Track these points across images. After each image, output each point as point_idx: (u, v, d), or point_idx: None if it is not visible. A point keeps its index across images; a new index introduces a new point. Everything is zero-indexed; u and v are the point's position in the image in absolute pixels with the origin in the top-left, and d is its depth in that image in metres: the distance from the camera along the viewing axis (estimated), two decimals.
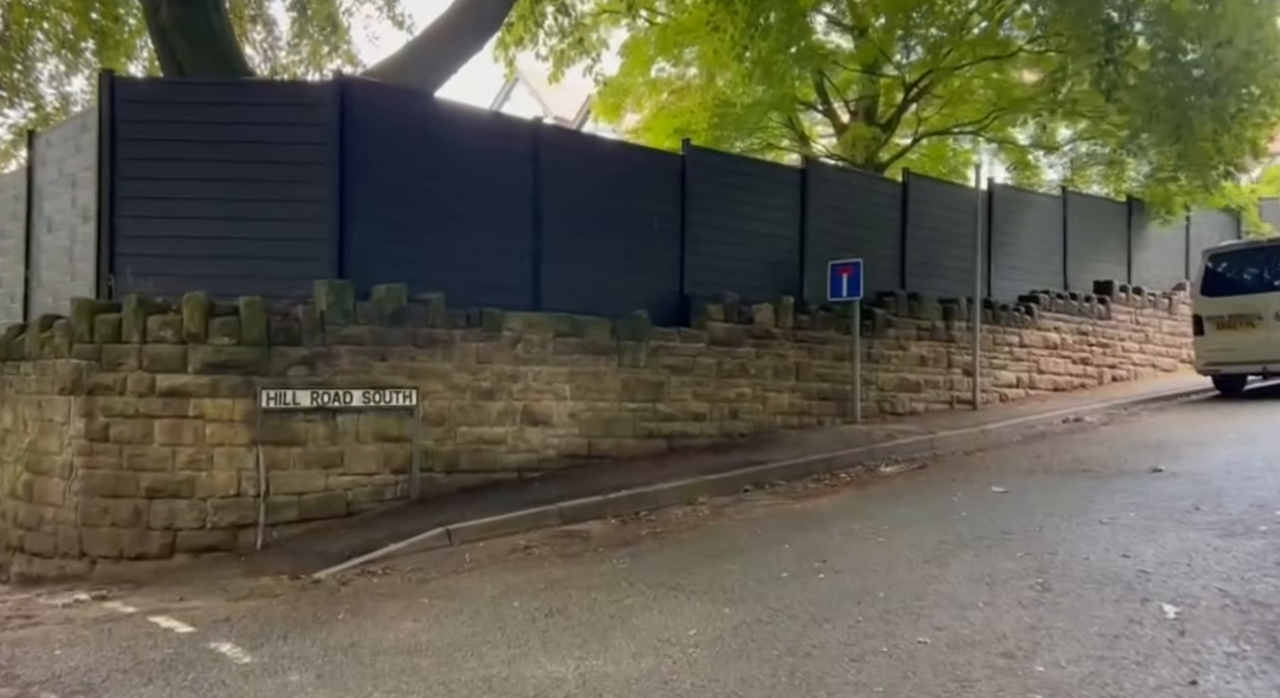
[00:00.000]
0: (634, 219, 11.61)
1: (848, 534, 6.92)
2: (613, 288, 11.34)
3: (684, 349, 11.44)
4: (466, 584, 6.40)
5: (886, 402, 13.51)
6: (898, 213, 14.61)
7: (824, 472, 10.23)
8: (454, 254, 10.11)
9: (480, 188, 10.35)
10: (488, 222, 10.40)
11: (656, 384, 11.14)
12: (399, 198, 9.80)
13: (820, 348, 12.80)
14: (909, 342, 13.86)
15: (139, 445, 8.30)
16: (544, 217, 10.86)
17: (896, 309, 13.78)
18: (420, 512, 8.86)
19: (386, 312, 9.22)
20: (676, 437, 11.29)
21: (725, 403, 11.77)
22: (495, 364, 9.95)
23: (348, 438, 8.92)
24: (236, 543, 8.38)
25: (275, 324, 8.65)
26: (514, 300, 10.42)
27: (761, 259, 12.89)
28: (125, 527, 8.24)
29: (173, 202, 9.32)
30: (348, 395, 8.88)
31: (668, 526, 8.01)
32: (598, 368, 10.71)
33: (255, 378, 8.52)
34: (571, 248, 11.03)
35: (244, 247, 9.28)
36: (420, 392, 9.32)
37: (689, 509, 8.71)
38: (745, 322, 12.06)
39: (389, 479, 9.18)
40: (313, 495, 8.72)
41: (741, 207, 12.68)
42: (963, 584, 5.38)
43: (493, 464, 9.88)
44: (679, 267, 12.09)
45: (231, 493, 8.40)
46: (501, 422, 9.96)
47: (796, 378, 12.51)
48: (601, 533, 7.92)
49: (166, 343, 8.39)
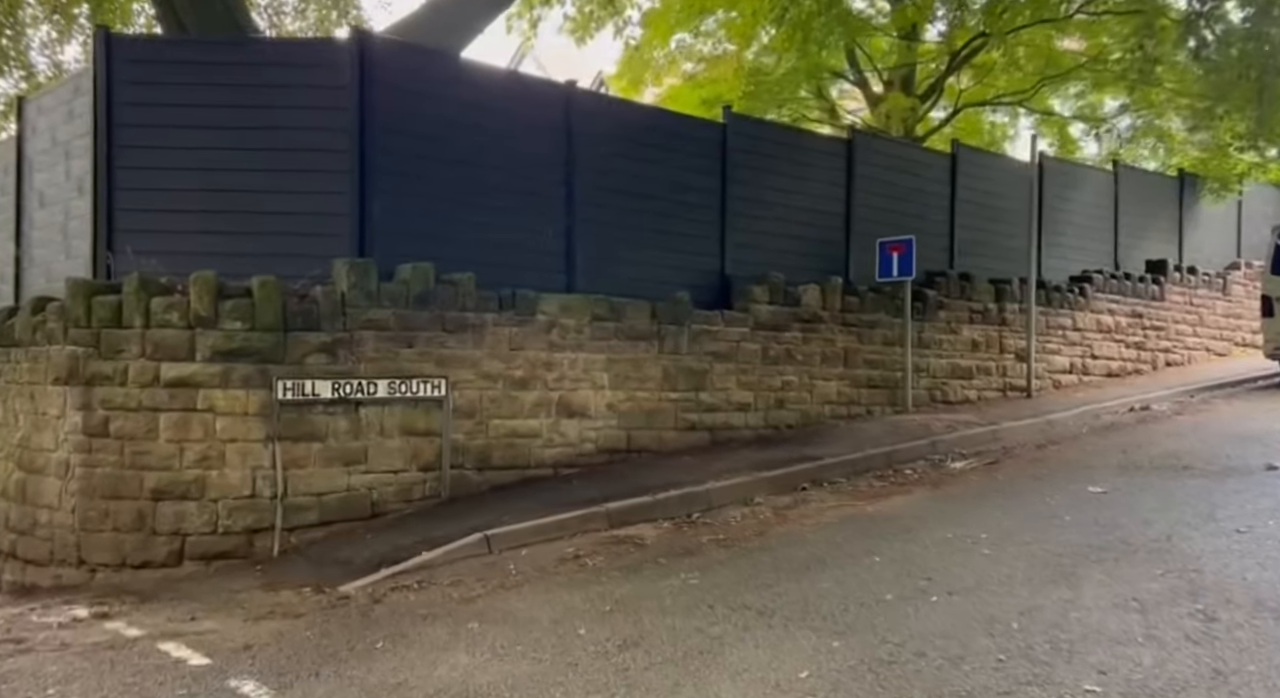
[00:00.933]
0: (671, 193, 10.85)
1: (943, 545, 6.20)
2: (649, 268, 10.60)
3: (727, 334, 10.70)
4: (518, 604, 5.69)
5: (938, 390, 12.77)
6: (946, 187, 13.83)
7: (885, 467, 9.51)
8: (481, 231, 9.36)
9: (509, 158, 9.59)
10: (517, 195, 9.64)
11: (699, 372, 10.41)
12: (422, 168, 9.04)
13: (869, 332, 12.05)
14: (960, 325, 13.10)
15: (142, 442, 7.58)
16: (576, 190, 10.10)
17: (948, 290, 13.02)
18: (451, 513, 8.16)
19: (413, 293, 8.47)
20: (720, 429, 10.57)
21: (771, 392, 11.04)
22: (529, 351, 9.22)
23: (372, 432, 8.20)
24: (251, 549, 7.67)
25: (292, 307, 7.91)
26: (544, 282, 9.68)
27: (804, 237, 12.13)
28: (128, 532, 7.53)
29: (177, 172, 8.57)
30: (371, 386, 8.15)
31: (728, 530, 7.29)
32: (637, 355, 9.97)
33: (270, 367, 7.79)
34: (605, 224, 10.28)
35: (255, 222, 8.54)
36: (449, 381, 8.59)
37: (746, 511, 8.00)
38: (791, 304, 11.31)
39: (416, 477, 8.46)
40: (334, 496, 8.01)
41: (784, 180, 11.92)
42: (1107, 611, 4.67)
43: (527, 460, 9.16)
44: (719, 245, 11.33)
45: (245, 494, 7.69)
46: (536, 413, 9.24)
47: (845, 364, 11.77)
48: (657, 539, 7.20)
49: (172, 328, 7.66)
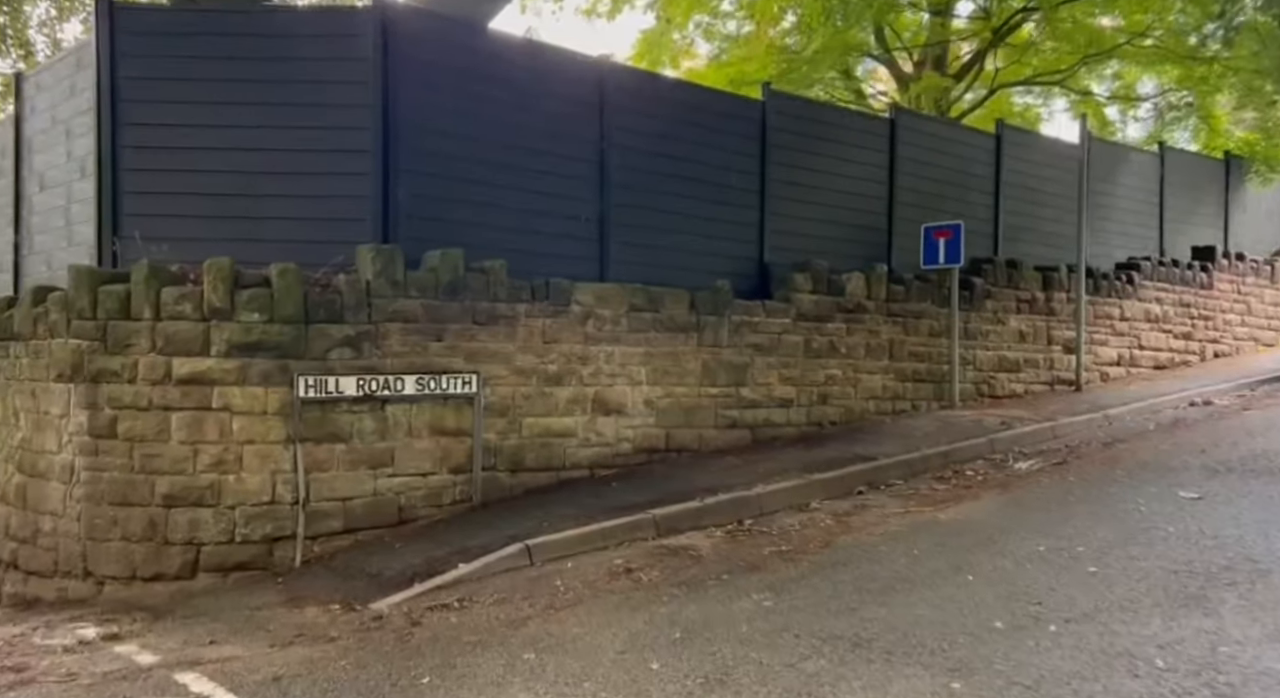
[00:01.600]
0: (708, 175, 10.27)
1: (1038, 560, 5.65)
2: (684, 255, 10.04)
3: (768, 325, 10.14)
4: (575, 628, 5.15)
5: (984, 383, 12.21)
6: (991, 169, 13.23)
7: (943, 468, 8.97)
8: (509, 215, 8.81)
9: (539, 137, 9.02)
10: (548, 177, 9.08)
11: (739, 366, 9.85)
12: (449, 148, 8.47)
13: (915, 323, 11.48)
14: (1007, 315, 12.53)
15: (153, 443, 7.04)
16: (609, 172, 9.54)
17: (994, 279, 12.44)
18: (485, 519, 7.62)
19: (442, 282, 7.92)
20: (761, 426, 10.02)
21: (814, 387, 10.49)
22: (563, 344, 8.67)
23: (399, 432, 7.66)
24: (271, 560, 7.14)
25: (313, 297, 7.36)
26: (576, 270, 9.13)
27: (845, 222, 11.54)
28: (138, 541, 7.00)
29: (186, 152, 8.01)
30: (399, 382, 7.60)
31: (790, 541, 6.75)
32: (675, 348, 9.42)
33: (291, 362, 7.24)
34: (639, 208, 9.72)
35: (272, 205, 7.99)
36: (480, 377, 8.05)
37: (804, 518, 7.46)
38: (835, 293, 10.74)
39: (446, 480, 7.93)
40: (360, 501, 7.48)
41: (825, 161, 11.33)
42: (1262, 646, 4.12)
43: (562, 461, 8.62)
44: (758, 230, 10.76)
45: (265, 500, 7.15)
46: (571, 411, 8.69)
47: (890, 357, 11.20)
48: (712, 550, 6.66)
49: (184, 319, 7.11)
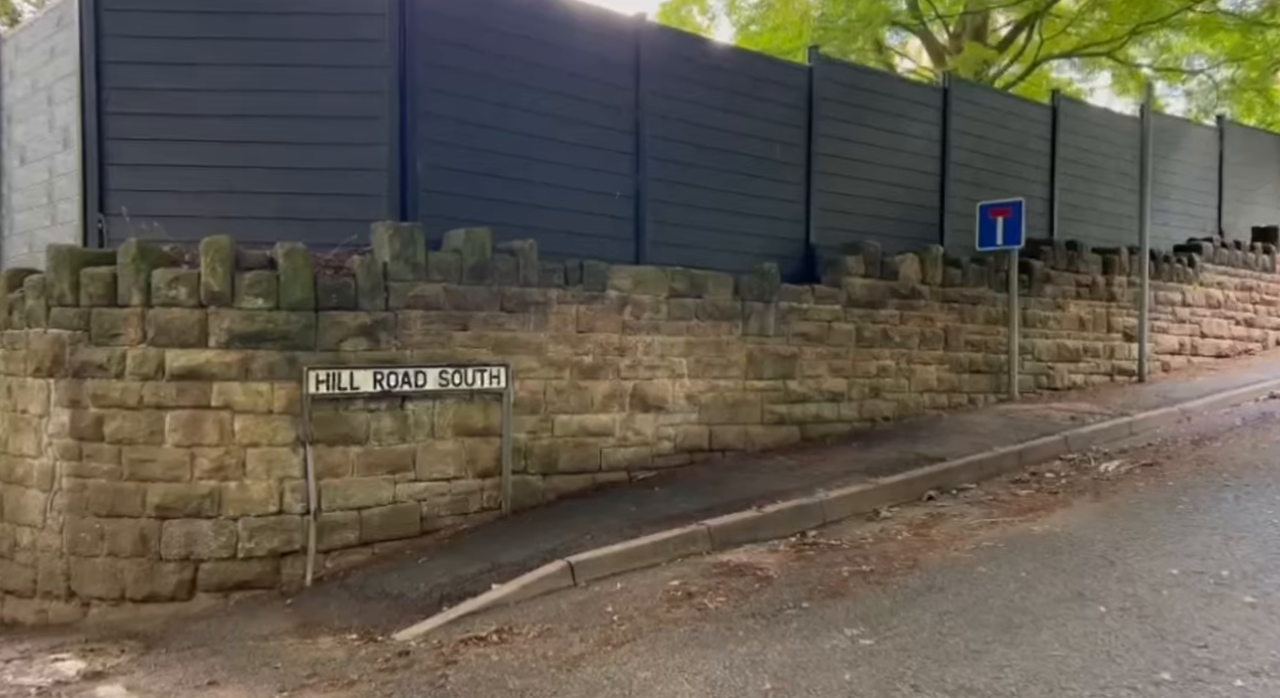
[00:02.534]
0: (750, 148, 9.48)
1: (1176, 586, 4.86)
2: (724, 236, 9.27)
3: (817, 312, 9.35)
4: (639, 671, 4.38)
5: (1043, 374, 11.41)
6: (1046, 144, 12.41)
7: (1017, 469, 8.19)
8: (536, 190, 8.03)
9: (569, 103, 8.22)
10: (578, 148, 8.30)
11: (787, 357, 9.07)
12: (471, 114, 7.69)
13: (971, 309, 10.68)
14: (1067, 300, 11.72)
15: (144, 447, 6.27)
16: (645, 143, 8.75)
17: (1054, 261, 11.63)
18: (517, 530, 6.87)
19: (467, 264, 7.13)
20: (810, 422, 9.24)
21: (865, 379, 9.70)
22: (598, 333, 7.89)
23: (420, 432, 6.90)
24: (279, 577, 6.38)
25: (324, 281, 6.58)
26: (610, 251, 8.36)
27: (893, 199, 10.73)
28: (128, 557, 6.25)
29: (180, 119, 7.23)
30: (420, 376, 6.83)
31: (866, 557, 5.98)
32: (718, 337, 8.64)
33: (299, 354, 6.47)
34: (677, 184, 8.94)
35: (276, 179, 7.21)
36: (510, 369, 7.28)
37: (876, 529, 6.69)
38: (888, 277, 9.94)
39: (473, 485, 7.17)
40: (377, 510, 6.72)
41: (874, 134, 10.53)
42: None
43: (598, 462, 7.86)
44: (804, 208, 9.96)
45: (271, 510, 6.39)
46: (607, 407, 7.92)
47: (945, 346, 10.41)
48: (781, 569, 5.89)
49: (179, 306, 6.33)
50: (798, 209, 9.92)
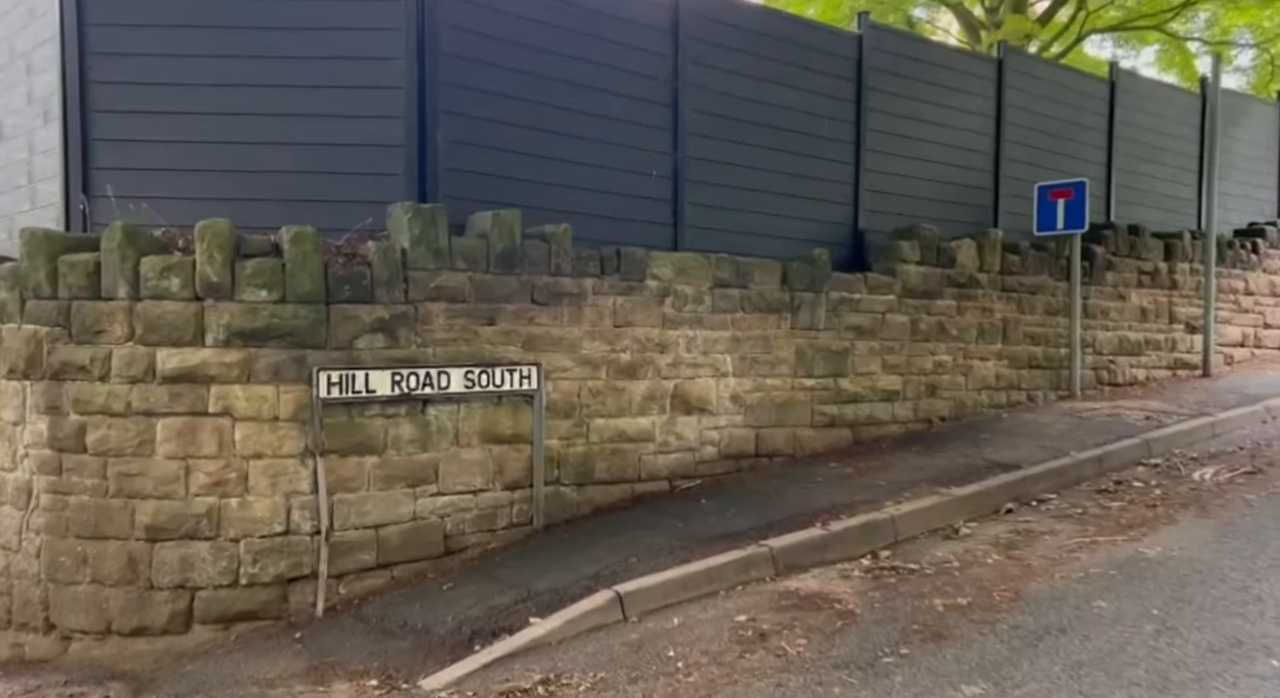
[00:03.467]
0: (796, 123, 8.74)
1: None
2: (768, 219, 8.56)
3: (870, 303, 8.62)
4: None
5: (1104, 369, 10.69)
6: (1104, 121, 11.64)
7: (1098, 477, 7.48)
8: (567, 169, 7.32)
9: (603, 73, 7.50)
10: (612, 122, 7.58)
11: (839, 353, 8.35)
12: (497, 83, 6.96)
13: (1031, 299, 9.96)
14: (1128, 289, 10.99)
15: (133, 459, 5.57)
16: (684, 116, 8.02)
17: (1115, 247, 10.90)
18: (552, 549, 6.18)
19: (495, 251, 6.42)
20: (863, 424, 8.53)
21: (921, 376, 8.98)
22: (637, 327, 7.18)
23: (444, 440, 6.19)
24: (286, 606, 5.69)
25: (335, 270, 5.86)
26: (645, 236, 7.65)
27: (947, 180, 9.99)
28: (114, 584, 5.55)
29: (174, 89, 6.51)
30: (443, 376, 6.12)
31: (958, 586, 5.27)
32: (765, 331, 7.92)
33: (309, 352, 5.76)
34: (718, 163, 8.22)
35: (281, 156, 6.49)
36: (542, 369, 6.58)
37: (957, 548, 5.99)
38: (945, 264, 9.21)
39: (501, 498, 6.47)
40: (396, 529, 6.02)
41: (927, 109, 9.77)
42: None
43: (637, 471, 7.16)
44: (852, 189, 9.23)
45: (277, 530, 5.69)
46: (647, 410, 7.21)
47: (1004, 339, 9.68)
48: (862, 602, 5.18)
49: (171, 298, 5.62)
50: (846, 191, 9.19)
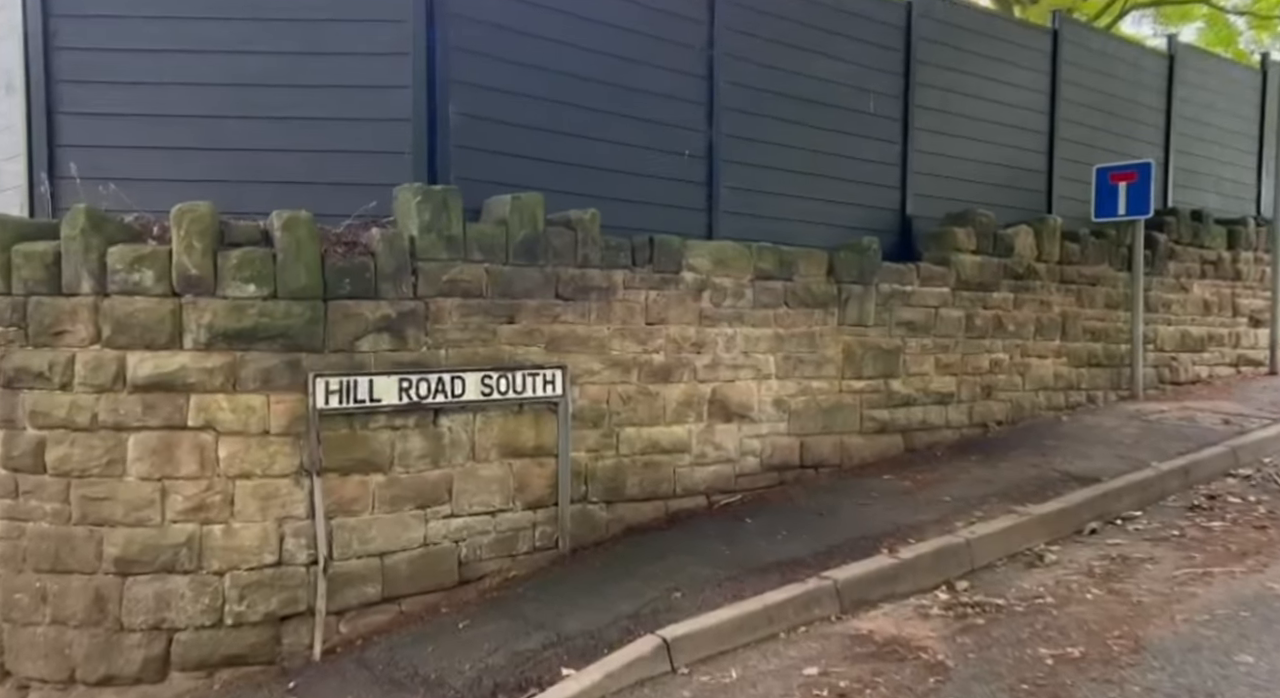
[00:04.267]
0: (839, 98, 8.02)
1: None
2: (808, 204, 7.87)
3: (923, 296, 7.90)
4: None
5: (1165, 366, 9.98)
6: (1161, 98, 10.91)
7: (1184, 490, 6.77)
8: (592, 148, 6.62)
9: (630, 39, 6.80)
10: (640, 96, 6.87)
11: (889, 351, 7.64)
12: (515, 51, 6.24)
13: (1090, 291, 9.24)
14: (1190, 280, 10.28)
15: (100, 480, 4.87)
16: (720, 90, 7.30)
17: (1178, 234, 10.18)
18: (581, 579, 5.48)
19: (514, 239, 5.70)
20: (915, 430, 7.83)
21: (976, 376, 8.27)
22: (671, 325, 6.47)
23: (458, 454, 5.49)
24: (279, 649, 4.99)
25: (334, 261, 5.15)
26: (677, 222, 6.94)
27: (997, 161, 9.27)
28: (78, 626, 4.85)
29: (150, 56, 5.80)
30: (457, 382, 5.42)
31: (1061, 629, 4.58)
32: (810, 327, 7.21)
33: (304, 356, 5.05)
34: (756, 142, 7.52)
35: (272, 131, 5.78)
36: (567, 372, 5.88)
37: (1045, 579, 5.29)
38: (1001, 253, 8.49)
39: (522, 519, 5.77)
40: (404, 556, 5.32)
41: (977, 84, 9.05)
42: None
43: (671, 486, 6.46)
44: (899, 171, 8.51)
45: (268, 560, 4.99)
46: (682, 417, 6.51)
47: (1063, 335, 8.97)
48: (951, 648, 4.49)
49: (144, 294, 4.90)
50: (892, 173, 8.47)
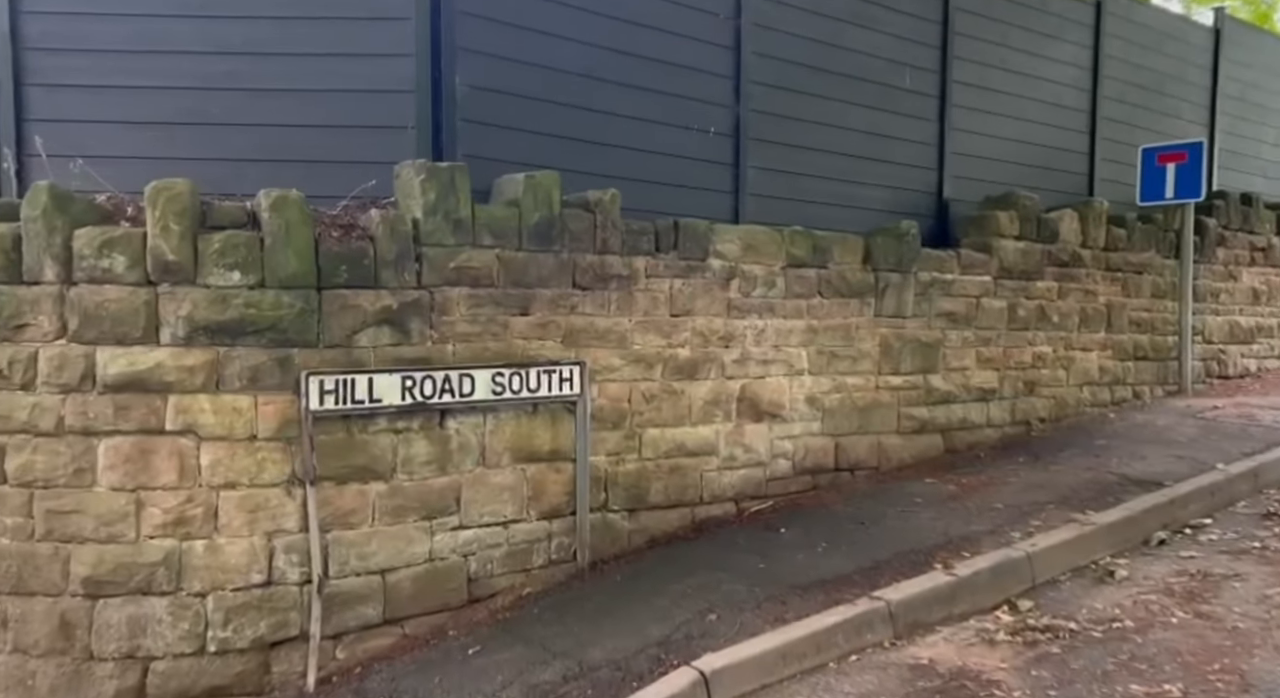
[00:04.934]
0: (873, 71, 7.56)
1: None
2: (840, 187, 7.40)
3: (963, 285, 7.42)
4: None
5: (1213, 359, 9.51)
6: (1207, 75, 10.43)
7: (1254, 494, 6.31)
8: (608, 123, 6.13)
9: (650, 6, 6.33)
10: (663, 68, 6.39)
11: (929, 345, 7.17)
12: (524, 15, 5.75)
13: (1137, 279, 8.76)
14: (1240, 268, 9.80)
15: (67, 491, 4.40)
16: (747, 62, 6.82)
17: (1227, 219, 9.69)
18: (603, 597, 5.02)
19: (528, 223, 5.22)
20: (955, 429, 7.36)
21: (1018, 371, 7.80)
22: (697, 317, 6.00)
23: (467, 460, 5.02)
24: (268, 678, 4.53)
25: (330, 246, 4.67)
26: (701, 205, 6.47)
27: (1036, 141, 8.80)
28: (42, 654, 4.39)
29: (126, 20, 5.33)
30: (465, 380, 4.95)
31: (1149, 659, 4.11)
32: (845, 319, 6.74)
33: (295, 352, 4.58)
34: (784, 119, 7.05)
35: (261, 104, 5.31)
36: (586, 369, 5.40)
37: (1122, 599, 4.82)
38: (1046, 239, 8.01)
39: (537, 530, 5.31)
40: (408, 572, 4.86)
41: (1018, 58, 8.58)
42: None
43: (698, 492, 6.00)
44: (936, 151, 8.04)
45: (256, 580, 4.53)
46: (709, 416, 6.04)
47: (1108, 327, 8.50)
48: (1024, 680, 4.02)
49: (115, 282, 4.42)
50: (929, 153, 7.99)
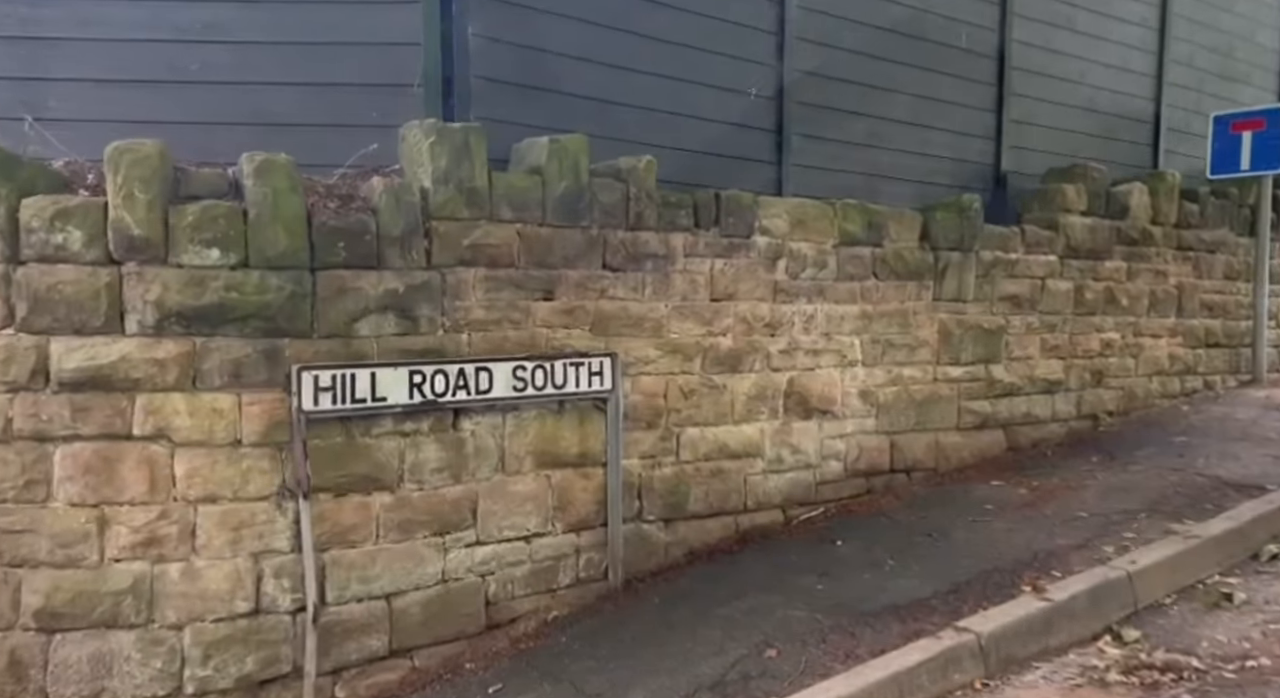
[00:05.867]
0: (929, 29, 6.97)
1: None
2: (891, 156, 6.85)
3: (1028, 265, 6.81)
4: None
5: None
6: (1276, 34, 9.80)
7: None
8: (636, 83, 5.54)
9: None
10: (699, 20, 5.81)
11: (991, 332, 6.56)
12: None
13: (1209, 259, 8.15)
14: None
15: (17, 507, 3.79)
16: (792, 17, 6.22)
17: None
18: (640, 625, 4.44)
19: (553, 194, 4.62)
20: (1018, 424, 6.77)
21: (1085, 360, 7.20)
22: (740, 301, 5.39)
23: (484, 466, 4.44)
24: None
25: (325, 219, 4.06)
26: (739, 176, 5.87)
27: (1099, 108, 8.21)
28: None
29: None
30: (482, 375, 4.35)
31: None
32: (902, 303, 6.13)
33: (286, 343, 3.98)
34: (831, 82, 6.48)
35: (248, 57, 4.71)
36: (617, 361, 4.81)
37: (1250, 630, 4.23)
38: (1114, 215, 7.40)
39: (563, 544, 4.73)
40: (417, 597, 4.28)
41: (1083, 16, 7.97)
42: None
43: (741, 498, 5.41)
44: (994, 119, 7.46)
45: (242, 609, 3.94)
46: (753, 414, 5.44)
47: (1178, 312, 7.89)
48: None
49: (70, 261, 3.81)
50: (987, 121, 7.41)
